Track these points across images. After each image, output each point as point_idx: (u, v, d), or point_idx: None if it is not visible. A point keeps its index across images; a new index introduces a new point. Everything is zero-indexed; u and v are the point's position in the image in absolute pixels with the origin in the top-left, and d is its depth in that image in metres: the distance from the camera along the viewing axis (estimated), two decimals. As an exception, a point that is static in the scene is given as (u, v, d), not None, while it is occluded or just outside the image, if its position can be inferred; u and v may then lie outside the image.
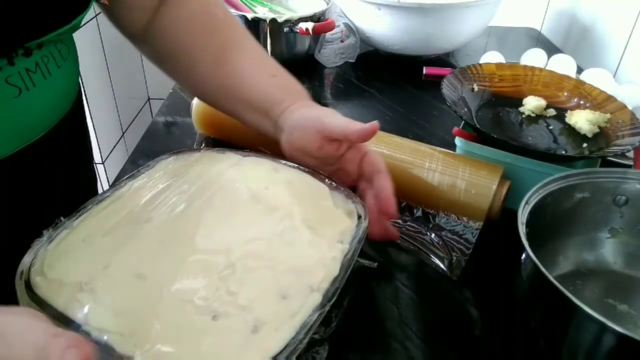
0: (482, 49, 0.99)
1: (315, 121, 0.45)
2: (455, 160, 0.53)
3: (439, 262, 0.50)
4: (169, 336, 0.32)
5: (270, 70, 0.51)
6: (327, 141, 0.45)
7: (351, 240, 0.39)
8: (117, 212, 0.41)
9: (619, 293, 0.45)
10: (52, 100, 0.43)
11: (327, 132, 0.44)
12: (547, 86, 0.67)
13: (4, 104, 0.37)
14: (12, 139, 0.39)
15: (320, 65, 0.94)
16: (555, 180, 0.45)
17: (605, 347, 0.33)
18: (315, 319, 0.33)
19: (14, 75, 0.37)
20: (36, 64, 0.39)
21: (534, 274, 0.38)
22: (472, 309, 0.47)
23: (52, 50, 0.41)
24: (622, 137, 0.56)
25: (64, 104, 0.46)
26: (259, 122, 0.50)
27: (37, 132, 0.42)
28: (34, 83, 0.39)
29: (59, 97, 0.44)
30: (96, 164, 1.40)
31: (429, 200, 0.53)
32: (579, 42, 1.02)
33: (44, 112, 0.42)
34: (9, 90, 0.37)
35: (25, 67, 0.38)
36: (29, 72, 0.39)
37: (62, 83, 0.43)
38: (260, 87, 0.49)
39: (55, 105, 0.44)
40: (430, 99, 0.83)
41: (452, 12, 0.85)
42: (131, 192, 0.43)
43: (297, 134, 0.45)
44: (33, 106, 0.40)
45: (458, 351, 0.43)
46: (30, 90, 0.39)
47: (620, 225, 0.48)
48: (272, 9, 0.97)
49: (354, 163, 0.46)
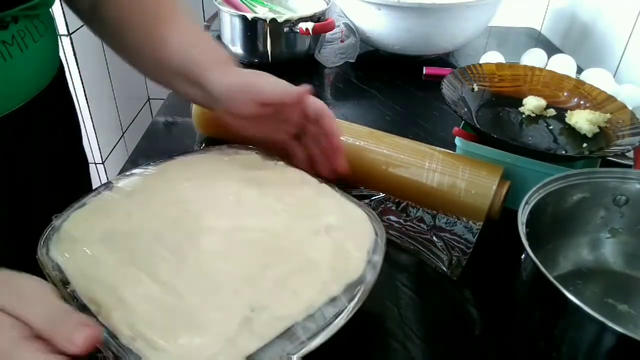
0: (482, 49, 0.99)
1: (248, 90, 0.46)
2: (455, 160, 0.53)
3: (439, 262, 0.50)
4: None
5: (195, 39, 0.53)
6: (262, 107, 0.47)
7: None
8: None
9: (619, 293, 0.45)
10: (30, 72, 0.46)
11: (262, 100, 0.46)
12: (547, 86, 0.67)
13: None
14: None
15: (320, 65, 0.94)
16: (555, 180, 0.45)
17: (605, 347, 0.33)
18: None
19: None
20: (12, 37, 0.43)
21: (534, 274, 0.38)
22: (472, 309, 0.47)
23: (28, 26, 0.45)
24: (622, 137, 0.56)
25: (42, 77, 0.49)
26: (188, 90, 0.51)
27: (15, 101, 0.45)
28: (11, 54, 0.42)
29: (37, 69, 0.47)
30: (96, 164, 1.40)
31: (429, 200, 0.53)
32: (579, 42, 1.02)
33: (22, 83, 0.45)
34: None
35: (2, 39, 0.41)
36: (5, 43, 0.42)
37: (40, 57, 0.47)
38: (187, 57, 0.50)
39: (32, 77, 0.47)
40: (430, 99, 0.83)
41: (452, 12, 0.85)
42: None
43: (233, 105, 0.47)
44: (11, 76, 0.43)
45: (458, 351, 0.43)
46: (7, 60, 0.42)
47: (620, 225, 0.48)
48: (272, 9, 0.97)
49: (294, 112, 0.49)
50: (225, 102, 0.47)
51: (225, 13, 0.89)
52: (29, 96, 0.46)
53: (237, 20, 0.88)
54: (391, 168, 0.54)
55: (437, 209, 0.53)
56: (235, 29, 0.89)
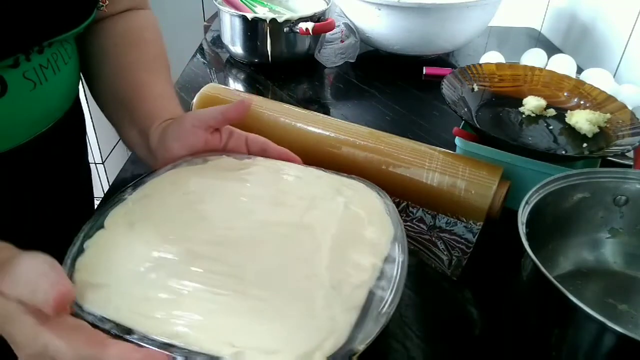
0: (482, 49, 0.99)
1: (188, 120, 0.46)
2: (455, 160, 0.53)
3: (439, 262, 0.50)
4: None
5: (162, 92, 0.53)
6: (209, 134, 0.46)
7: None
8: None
9: (619, 293, 0.45)
10: (60, 94, 0.47)
11: (204, 121, 0.46)
12: (547, 86, 0.67)
13: (22, 97, 0.42)
14: (26, 130, 0.44)
15: (320, 65, 0.94)
16: (555, 180, 0.45)
17: (605, 347, 0.33)
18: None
19: (29, 70, 0.42)
20: (47, 60, 0.44)
21: (534, 274, 0.38)
22: (472, 309, 0.47)
23: (60, 49, 0.46)
24: (622, 137, 0.56)
25: (69, 98, 0.50)
26: (136, 140, 0.51)
27: (44, 124, 0.46)
28: (46, 77, 0.44)
29: (66, 91, 0.49)
30: (96, 163, 1.40)
31: (429, 200, 0.53)
32: (579, 42, 1.02)
33: (53, 105, 0.47)
34: (26, 84, 0.42)
35: (39, 63, 0.43)
36: (42, 67, 0.44)
37: (68, 78, 0.48)
38: (147, 106, 0.51)
39: (62, 99, 0.48)
40: (431, 99, 0.83)
41: (452, 12, 0.85)
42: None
43: (177, 144, 0.46)
44: (45, 99, 0.45)
45: (458, 351, 0.43)
46: (43, 84, 0.44)
47: (620, 225, 0.48)
48: (272, 9, 0.97)
49: (241, 147, 0.49)
50: (171, 145, 0.46)
51: (225, 13, 0.89)
52: (57, 118, 0.47)
53: (237, 20, 0.88)
54: (391, 168, 0.54)
55: (437, 209, 0.53)
56: (235, 29, 0.89)
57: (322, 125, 0.59)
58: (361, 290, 0.36)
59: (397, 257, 0.39)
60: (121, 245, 0.38)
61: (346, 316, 0.33)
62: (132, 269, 0.35)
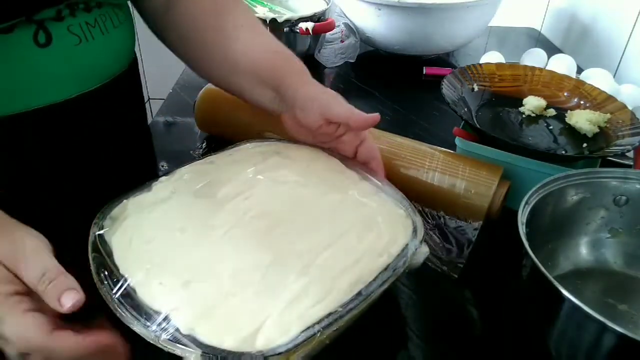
0: (482, 49, 0.99)
1: (320, 104, 0.48)
2: (455, 160, 0.53)
3: (439, 262, 0.50)
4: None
5: (274, 46, 0.55)
6: (327, 123, 0.48)
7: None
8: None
9: (619, 293, 0.45)
10: (107, 55, 0.48)
11: (330, 116, 0.48)
12: (547, 86, 0.67)
13: (66, 50, 0.43)
14: (72, 83, 0.45)
15: (320, 65, 0.94)
16: (555, 180, 0.45)
17: (605, 346, 0.33)
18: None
19: (74, 25, 0.44)
20: (95, 20, 0.46)
21: (534, 274, 0.38)
22: (472, 309, 0.47)
23: (109, 12, 0.48)
24: (622, 137, 0.56)
25: (119, 62, 0.51)
26: (264, 97, 0.53)
27: (94, 82, 0.47)
28: (93, 36, 0.45)
29: (115, 54, 0.50)
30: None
31: (428, 200, 0.53)
32: (579, 42, 1.02)
33: (101, 64, 0.48)
34: (70, 38, 0.43)
35: (85, 20, 0.45)
36: (88, 25, 0.45)
37: (118, 42, 0.50)
38: (267, 63, 0.52)
39: (111, 60, 0.49)
40: (431, 99, 0.83)
41: (452, 12, 0.85)
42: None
43: (301, 113, 0.49)
44: (91, 56, 0.46)
45: (458, 351, 0.43)
46: (89, 41, 0.45)
47: (620, 225, 0.48)
48: (272, 9, 0.97)
49: (351, 146, 0.50)
50: (297, 109, 0.49)
51: (225, 13, 0.89)
52: (103, 79, 0.48)
53: (237, 20, 0.88)
54: (391, 167, 0.54)
55: (437, 208, 0.53)
56: (235, 29, 0.89)
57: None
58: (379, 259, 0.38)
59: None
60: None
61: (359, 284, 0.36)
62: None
